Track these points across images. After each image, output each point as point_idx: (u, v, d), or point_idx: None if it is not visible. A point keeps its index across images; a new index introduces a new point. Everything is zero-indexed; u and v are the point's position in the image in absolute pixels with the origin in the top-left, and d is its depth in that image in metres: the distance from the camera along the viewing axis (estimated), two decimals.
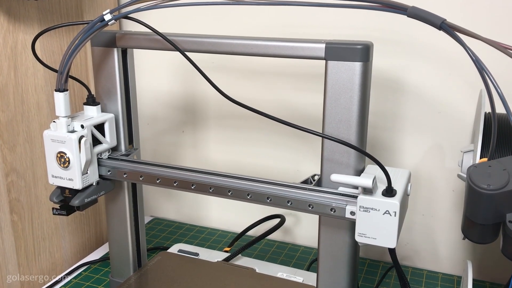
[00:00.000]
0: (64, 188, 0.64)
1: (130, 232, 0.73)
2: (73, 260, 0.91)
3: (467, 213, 0.50)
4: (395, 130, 0.85)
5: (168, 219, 1.07)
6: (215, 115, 0.97)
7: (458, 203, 0.85)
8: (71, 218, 0.90)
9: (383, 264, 0.90)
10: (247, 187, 0.59)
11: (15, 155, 0.78)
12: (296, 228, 0.98)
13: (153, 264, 0.74)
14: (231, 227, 1.01)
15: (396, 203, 0.51)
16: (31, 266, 0.83)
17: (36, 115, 0.81)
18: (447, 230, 0.87)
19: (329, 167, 0.57)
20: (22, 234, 0.80)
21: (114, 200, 0.72)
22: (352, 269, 0.61)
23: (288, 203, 0.58)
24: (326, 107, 0.56)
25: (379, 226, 0.52)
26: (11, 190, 0.78)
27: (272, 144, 0.94)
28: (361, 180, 0.50)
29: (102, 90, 0.68)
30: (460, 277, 0.86)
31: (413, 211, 0.88)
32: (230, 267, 0.75)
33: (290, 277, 0.73)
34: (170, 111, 1.00)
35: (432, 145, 0.84)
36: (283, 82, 0.89)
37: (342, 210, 0.55)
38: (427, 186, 0.86)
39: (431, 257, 0.89)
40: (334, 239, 0.60)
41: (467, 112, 0.80)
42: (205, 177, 0.62)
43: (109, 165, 0.66)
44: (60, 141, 0.62)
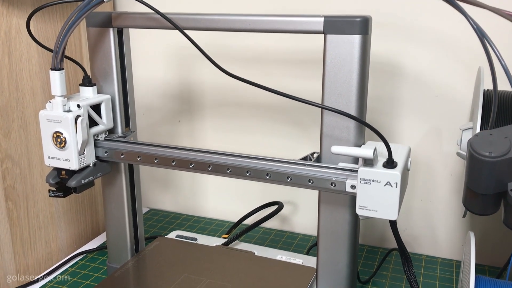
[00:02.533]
0: (61, 169, 0.63)
1: (127, 217, 0.72)
2: (69, 250, 0.90)
3: (468, 183, 0.50)
4: (392, 114, 0.85)
5: (165, 210, 1.06)
6: (211, 104, 0.96)
7: (456, 188, 0.85)
8: (67, 208, 0.89)
9: (382, 250, 0.89)
10: (246, 164, 0.59)
11: (10, 142, 0.77)
12: (294, 217, 0.97)
13: (151, 249, 0.74)
14: (228, 216, 1.01)
15: (397, 174, 0.50)
16: (27, 255, 0.82)
17: (31, 101, 0.80)
18: (445, 215, 0.86)
19: (329, 143, 0.57)
20: (17, 222, 0.79)
21: (111, 184, 0.71)
22: (352, 248, 0.61)
23: (287, 179, 0.57)
24: (325, 82, 0.56)
25: (380, 198, 0.51)
26: (6, 177, 0.77)
27: (269, 131, 0.93)
28: (361, 151, 0.50)
29: (98, 71, 0.67)
30: (459, 262, 0.86)
31: (411, 197, 0.87)
32: (229, 251, 0.74)
33: (290, 259, 0.72)
34: (165, 101, 1.00)
35: (429, 128, 0.83)
36: (281, 69, 0.89)
37: (343, 184, 0.55)
38: (425, 170, 0.85)
39: (430, 242, 0.88)
40: (334, 216, 0.59)
41: (464, 95, 0.80)
42: (203, 156, 0.61)
43: (106, 146, 0.65)
44: (56, 120, 0.61)
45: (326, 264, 0.61)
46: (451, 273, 0.82)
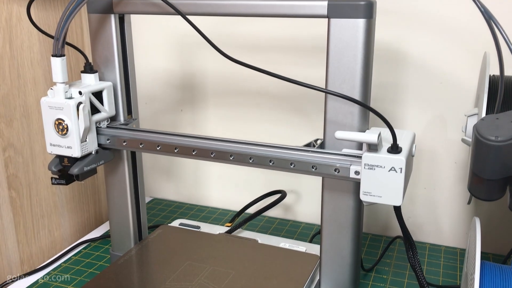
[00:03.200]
0: (63, 156, 0.63)
1: (130, 205, 0.72)
2: (73, 239, 0.90)
3: (474, 169, 0.50)
4: (396, 102, 0.84)
5: (168, 199, 1.06)
6: (214, 93, 0.96)
7: (460, 176, 0.84)
8: (70, 197, 0.89)
9: (385, 238, 0.89)
10: (249, 150, 0.59)
11: (12, 130, 0.77)
12: (297, 206, 0.97)
13: (154, 237, 0.73)
14: (231, 205, 1.00)
15: (402, 159, 0.50)
16: (30, 244, 0.82)
17: (32, 90, 0.79)
18: (449, 203, 0.86)
19: (333, 129, 0.57)
20: (20, 210, 0.79)
21: (113, 172, 0.71)
22: (356, 234, 0.60)
23: (291, 165, 0.57)
24: (329, 67, 0.55)
25: (384, 183, 0.51)
26: (8, 165, 0.77)
27: (271, 120, 0.93)
28: (366, 136, 0.49)
29: (99, 58, 0.67)
30: (463, 250, 0.85)
31: (415, 185, 0.87)
32: (232, 238, 0.74)
33: (293, 247, 0.72)
34: (168, 90, 0.99)
35: (433, 116, 0.83)
36: (284, 57, 0.88)
37: (346, 170, 0.54)
38: (429, 158, 0.85)
39: (433, 230, 0.88)
40: (338, 203, 0.59)
41: (469, 82, 0.79)
42: (206, 142, 0.61)
43: (108, 134, 0.65)
44: (58, 107, 0.61)
45: (329, 251, 0.61)
46: (455, 261, 0.82)
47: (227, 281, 0.62)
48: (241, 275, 0.64)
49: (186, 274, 0.64)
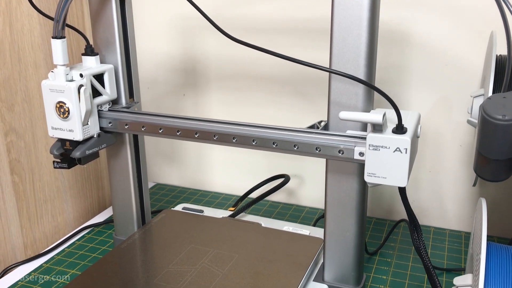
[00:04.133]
0: (65, 140, 0.63)
1: (133, 189, 0.72)
2: (76, 224, 0.90)
3: (480, 149, 0.49)
4: (400, 84, 0.83)
5: (171, 184, 1.06)
6: (216, 77, 0.95)
7: (465, 159, 0.83)
8: (73, 182, 0.89)
9: (389, 222, 0.89)
10: (252, 133, 0.58)
11: (14, 115, 0.76)
12: (300, 190, 0.96)
13: (157, 221, 0.73)
14: (234, 190, 1.00)
15: (407, 139, 0.49)
16: (33, 229, 0.82)
17: (34, 74, 0.79)
18: (454, 186, 0.85)
19: (337, 111, 0.56)
20: (23, 195, 0.79)
21: (116, 156, 0.71)
22: (360, 217, 0.60)
23: (294, 147, 0.56)
24: (333, 47, 0.54)
25: (389, 164, 0.50)
26: (11, 150, 0.76)
27: (275, 104, 0.92)
28: (370, 116, 0.48)
29: (100, 41, 0.66)
30: (468, 233, 0.85)
31: (419, 168, 0.86)
32: (236, 222, 0.74)
33: (297, 230, 0.72)
34: (170, 74, 0.98)
35: (438, 98, 0.82)
36: (287, 40, 0.87)
37: (351, 151, 0.53)
38: (433, 141, 0.84)
39: (438, 214, 0.88)
40: (342, 185, 0.58)
41: (475, 63, 0.78)
42: (208, 125, 0.60)
43: (110, 117, 0.64)
44: (59, 90, 0.60)
45: (333, 234, 0.61)
46: (459, 244, 0.81)
47: (230, 264, 0.62)
48: (244, 258, 0.63)
49: (189, 258, 0.63)
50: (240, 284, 0.58)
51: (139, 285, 0.58)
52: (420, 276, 0.72)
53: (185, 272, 0.60)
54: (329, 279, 0.62)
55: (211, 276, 0.60)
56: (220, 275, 0.60)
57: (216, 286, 0.58)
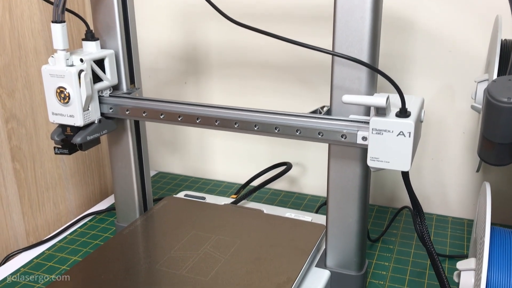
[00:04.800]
0: (65, 126, 0.62)
1: (135, 175, 0.71)
2: (78, 212, 0.90)
3: (485, 132, 0.48)
4: (403, 71, 0.82)
5: (173, 173, 1.06)
6: (218, 64, 0.94)
7: (468, 146, 0.83)
8: (75, 170, 0.89)
9: (392, 210, 0.88)
10: (254, 118, 0.57)
11: (14, 101, 0.76)
12: (302, 178, 0.96)
13: (159, 208, 0.73)
14: (236, 179, 1.00)
15: (411, 123, 0.49)
16: (35, 216, 0.82)
17: (34, 60, 0.78)
18: (457, 173, 0.85)
19: (339, 95, 0.55)
20: (25, 183, 0.79)
21: (117, 142, 0.70)
22: (363, 203, 0.59)
23: (297, 132, 0.56)
24: (336, 30, 0.54)
25: (392, 148, 0.50)
26: (11, 137, 0.76)
27: (277, 92, 0.91)
28: (374, 99, 0.48)
29: (100, 26, 0.65)
30: (470, 221, 0.85)
31: (422, 155, 0.86)
32: (238, 209, 0.74)
33: (299, 217, 0.72)
34: (171, 62, 0.98)
35: (442, 85, 0.81)
36: (289, 27, 0.86)
37: (354, 136, 0.53)
38: (436, 128, 0.84)
39: (441, 201, 0.87)
40: (344, 171, 0.58)
41: (479, 49, 0.77)
42: (210, 110, 0.60)
43: (111, 103, 0.64)
44: (59, 75, 0.59)
45: (336, 220, 0.60)
46: (462, 231, 0.81)
47: (232, 250, 0.62)
48: (246, 244, 0.63)
49: (191, 243, 0.63)
50: (242, 269, 0.58)
51: (141, 270, 0.58)
52: (423, 263, 0.72)
53: (187, 258, 0.60)
54: (331, 265, 0.62)
55: (213, 262, 0.59)
56: (223, 260, 0.60)
57: (219, 271, 0.58)
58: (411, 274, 0.70)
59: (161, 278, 0.57)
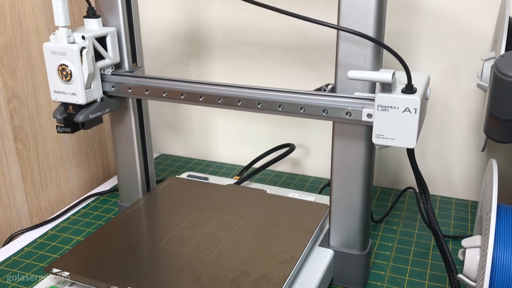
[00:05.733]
0: (68, 104, 0.62)
1: (137, 155, 0.71)
2: (81, 193, 0.90)
3: (491, 109, 0.48)
4: (408, 51, 0.81)
5: (176, 155, 1.05)
6: (221, 45, 0.93)
7: (473, 127, 0.82)
8: (77, 151, 0.89)
9: (395, 191, 0.88)
10: (257, 96, 0.57)
11: (16, 81, 0.75)
12: (306, 160, 0.96)
13: (162, 188, 0.73)
14: (239, 161, 1.00)
15: (417, 99, 0.48)
16: (38, 197, 0.82)
17: (35, 40, 0.78)
18: (461, 155, 0.84)
19: (344, 72, 0.54)
20: (27, 163, 0.79)
21: (119, 122, 0.70)
22: (367, 182, 0.59)
23: (301, 110, 0.55)
24: (341, 5, 0.53)
25: (398, 125, 0.49)
26: (14, 117, 0.76)
27: (280, 73, 0.90)
28: (379, 74, 0.47)
29: (102, 3, 0.64)
30: (474, 202, 0.84)
31: (426, 137, 0.85)
32: (241, 189, 0.73)
33: (302, 197, 0.71)
34: (173, 43, 0.97)
35: (447, 65, 0.80)
36: (292, 8, 0.85)
37: (358, 113, 0.52)
38: (441, 109, 0.83)
39: (444, 183, 0.87)
40: (349, 149, 0.57)
41: (486, 29, 0.76)
42: (213, 88, 0.59)
43: (113, 81, 0.63)
44: (61, 52, 0.59)
45: (339, 199, 0.60)
46: (466, 212, 0.81)
47: (236, 229, 0.62)
48: (250, 223, 0.63)
49: (194, 223, 0.63)
50: (245, 248, 0.58)
51: (145, 249, 0.58)
52: (426, 243, 0.72)
53: (190, 237, 0.60)
54: (335, 244, 0.62)
55: (217, 240, 0.59)
56: (226, 239, 0.60)
57: (222, 249, 0.58)
58: (414, 255, 0.69)
59: (165, 256, 0.57)
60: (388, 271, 0.66)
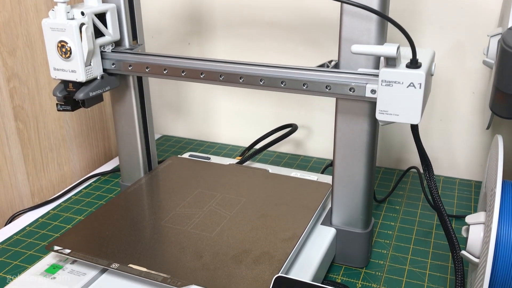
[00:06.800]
0: (68, 81, 0.61)
1: (138, 134, 0.70)
2: (82, 174, 0.90)
3: (498, 84, 0.47)
4: (412, 29, 0.80)
5: (178, 136, 1.05)
6: (222, 24, 0.92)
7: (478, 106, 0.81)
8: (78, 131, 0.88)
9: (398, 172, 0.87)
10: (259, 72, 0.56)
11: (16, 60, 0.75)
12: (308, 141, 0.95)
13: (164, 167, 0.73)
14: (241, 142, 0.99)
15: (421, 73, 0.47)
16: (40, 177, 0.81)
17: (35, 18, 0.77)
18: (465, 135, 0.84)
19: (348, 48, 0.53)
20: (28, 143, 0.78)
21: (120, 100, 0.69)
22: (370, 160, 0.58)
23: (303, 86, 0.54)
24: None
25: (402, 100, 0.48)
26: (14, 96, 0.75)
27: (283, 53, 0.89)
28: (384, 48, 0.46)
29: None
30: (478, 182, 0.84)
31: (430, 116, 0.84)
32: (243, 168, 0.73)
33: (304, 176, 0.71)
34: (174, 22, 0.96)
35: (452, 44, 0.79)
36: None
37: (362, 89, 0.52)
38: (445, 89, 0.82)
39: (448, 163, 0.86)
40: (352, 127, 0.57)
41: (491, 6, 0.74)
42: (214, 65, 0.58)
43: (113, 58, 0.63)
44: (60, 29, 0.58)
45: (342, 177, 0.60)
46: (469, 192, 0.80)
47: (238, 208, 0.61)
48: (252, 202, 0.63)
49: (196, 201, 0.63)
50: (247, 226, 0.58)
51: (147, 226, 0.58)
52: (429, 223, 0.72)
53: (192, 215, 0.60)
54: (337, 223, 0.62)
55: (219, 218, 0.59)
56: (228, 217, 0.59)
57: (224, 227, 0.57)
58: (417, 234, 0.69)
59: (166, 234, 0.56)
60: (390, 250, 0.66)
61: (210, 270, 0.50)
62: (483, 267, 0.42)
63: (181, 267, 0.51)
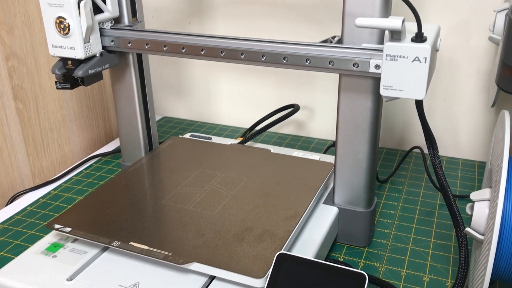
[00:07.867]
0: (66, 59, 0.60)
1: (139, 113, 0.70)
2: (83, 155, 0.89)
3: (505, 58, 0.46)
4: (417, 5, 0.79)
5: (179, 117, 1.04)
6: (223, 3, 0.91)
7: (482, 86, 0.80)
8: (78, 112, 0.87)
9: (401, 152, 0.87)
10: (261, 48, 0.55)
11: (14, 38, 0.74)
12: (310, 122, 0.94)
13: (165, 147, 0.72)
14: (243, 123, 0.98)
15: (427, 47, 0.46)
16: (40, 157, 0.81)
17: None
18: (469, 115, 0.83)
19: (352, 22, 0.52)
20: (28, 123, 0.78)
21: (120, 79, 0.68)
22: (373, 138, 0.58)
23: (306, 62, 0.53)
24: None
25: (407, 75, 0.47)
26: (12, 75, 0.74)
27: (286, 32, 0.88)
28: (389, 21, 0.45)
29: None
30: (481, 162, 0.83)
31: (433, 96, 0.83)
32: (244, 148, 0.72)
33: (306, 156, 0.70)
34: (174, 2, 0.94)
35: (457, 22, 0.78)
36: None
37: (366, 64, 0.51)
38: (449, 68, 0.81)
39: (452, 143, 0.85)
40: (355, 104, 0.56)
41: None
42: (215, 41, 0.57)
43: (113, 35, 0.61)
44: (58, 4, 0.57)
45: (345, 156, 0.59)
46: (472, 173, 0.80)
47: (239, 187, 0.61)
48: (253, 181, 0.62)
49: (198, 180, 0.62)
50: (249, 204, 0.57)
51: (148, 205, 0.58)
52: (432, 202, 0.71)
53: (193, 194, 0.59)
54: (340, 202, 0.61)
55: (220, 197, 0.59)
56: (229, 196, 0.59)
57: (225, 206, 0.57)
58: (420, 213, 0.69)
59: (167, 212, 0.56)
60: (393, 229, 0.65)
61: (211, 248, 0.50)
62: (488, 243, 0.42)
63: (183, 245, 0.50)
